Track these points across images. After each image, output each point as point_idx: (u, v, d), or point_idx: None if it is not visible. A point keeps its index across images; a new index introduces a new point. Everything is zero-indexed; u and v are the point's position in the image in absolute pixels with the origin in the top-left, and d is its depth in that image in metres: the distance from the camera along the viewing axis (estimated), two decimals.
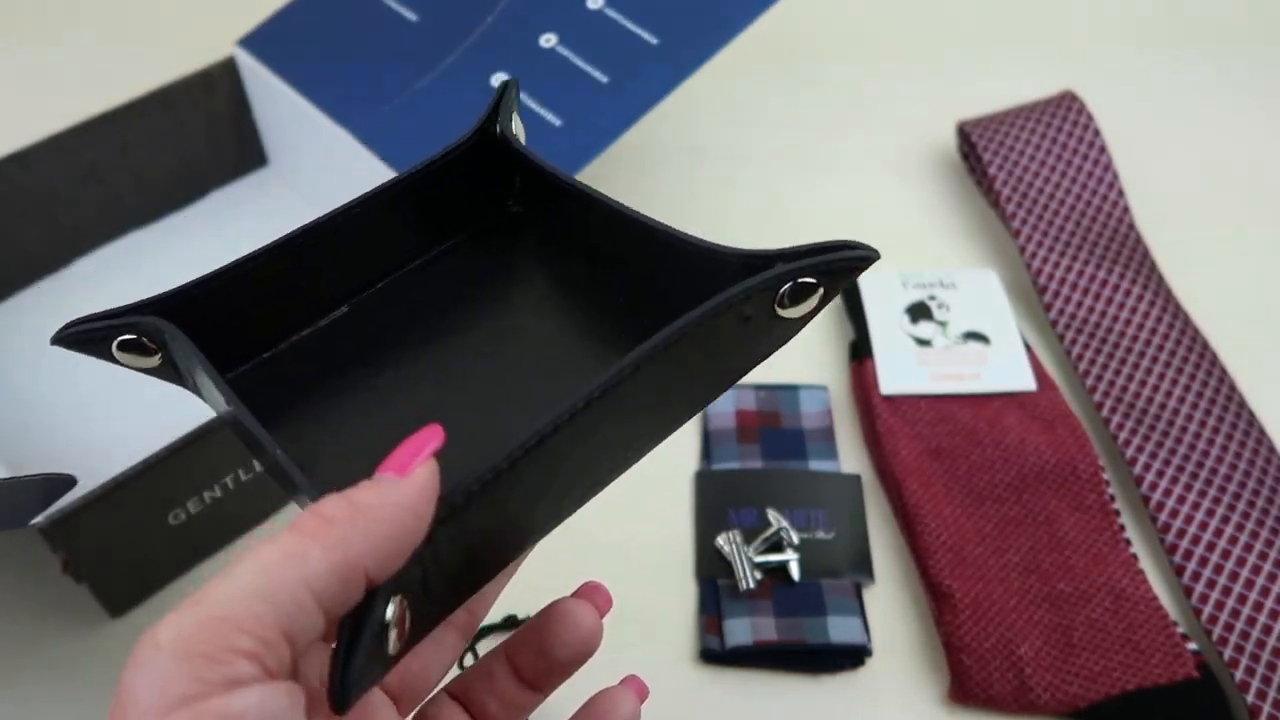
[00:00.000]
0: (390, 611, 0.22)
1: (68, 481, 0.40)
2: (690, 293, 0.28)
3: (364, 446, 0.29)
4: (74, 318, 0.29)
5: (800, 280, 0.26)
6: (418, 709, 0.31)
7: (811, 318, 0.27)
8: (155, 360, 0.29)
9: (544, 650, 0.29)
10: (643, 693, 0.31)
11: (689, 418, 0.29)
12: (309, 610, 0.20)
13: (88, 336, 0.29)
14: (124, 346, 0.29)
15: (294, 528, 0.21)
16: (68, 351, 0.29)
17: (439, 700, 0.31)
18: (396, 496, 0.22)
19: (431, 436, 0.23)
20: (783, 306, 0.27)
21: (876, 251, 0.26)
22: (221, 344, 0.31)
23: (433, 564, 0.24)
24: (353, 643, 0.22)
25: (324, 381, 0.32)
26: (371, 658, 0.22)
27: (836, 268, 0.26)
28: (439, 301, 0.34)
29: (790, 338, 0.29)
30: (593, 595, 0.31)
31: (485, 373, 0.31)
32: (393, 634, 0.23)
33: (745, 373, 0.29)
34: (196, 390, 0.29)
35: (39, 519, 0.40)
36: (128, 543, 0.45)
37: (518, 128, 0.35)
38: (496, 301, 0.34)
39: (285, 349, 0.33)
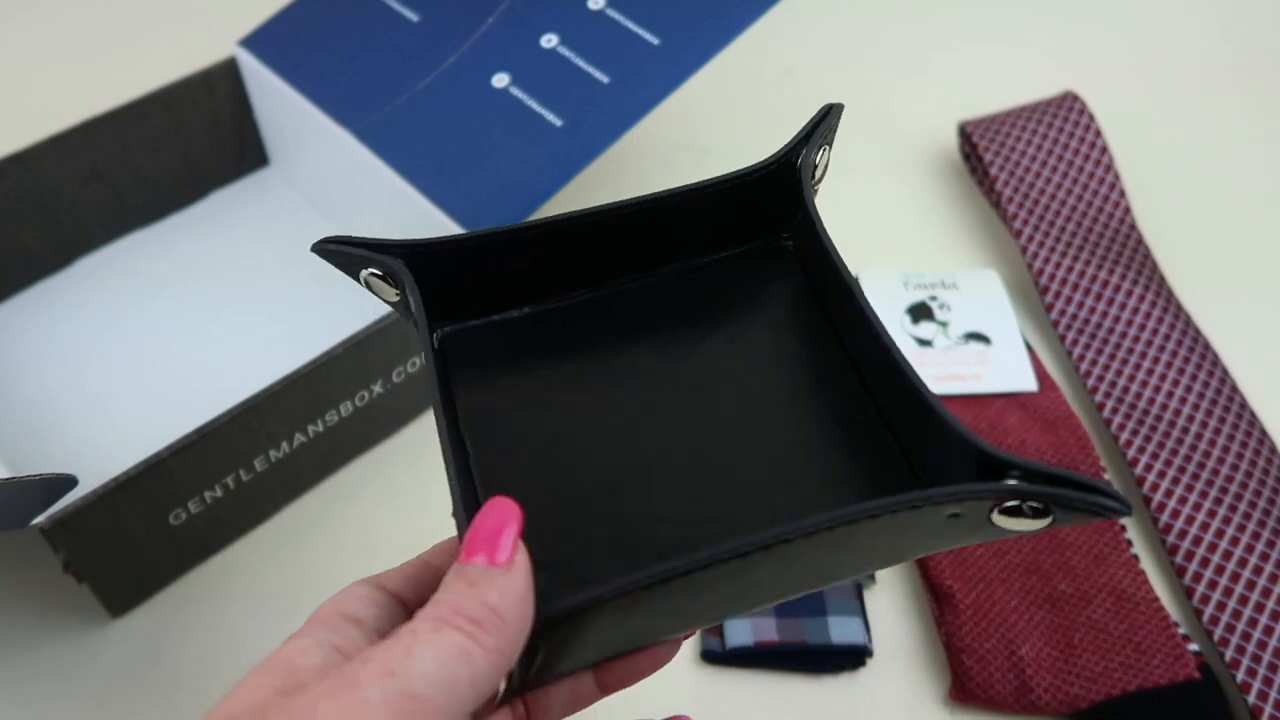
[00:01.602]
0: None
1: (68, 481, 0.40)
2: (910, 443, 0.28)
3: (545, 444, 0.30)
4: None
5: (1029, 504, 0.24)
6: None
7: (1034, 533, 0.25)
8: (395, 296, 0.31)
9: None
10: None
11: (858, 575, 0.28)
12: (469, 704, 0.23)
13: (340, 258, 0.31)
14: (372, 278, 0.31)
15: (455, 625, 0.23)
16: (68, 351, 0.30)
17: None
18: (514, 591, 0.24)
19: (510, 516, 0.25)
20: (1002, 514, 0.24)
21: (1129, 506, 0.23)
22: (461, 295, 0.31)
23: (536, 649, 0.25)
24: None
25: (537, 361, 0.32)
26: None
27: (1076, 505, 0.23)
28: (679, 314, 0.33)
29: (1003, 538, 0.26)
30: None
31: (688, 408, 0.30)
32: None
33: (935, 551, 0.28)
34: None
35: (39, 519, 0.40)
36: (128, 543, 0.45)
37: (823, 158, 0.33)
38: (733, 336, 0.32)
39: (519, 317, 0.33)
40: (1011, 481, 0.24)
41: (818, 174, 0.33)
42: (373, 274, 0.31)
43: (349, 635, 0.25)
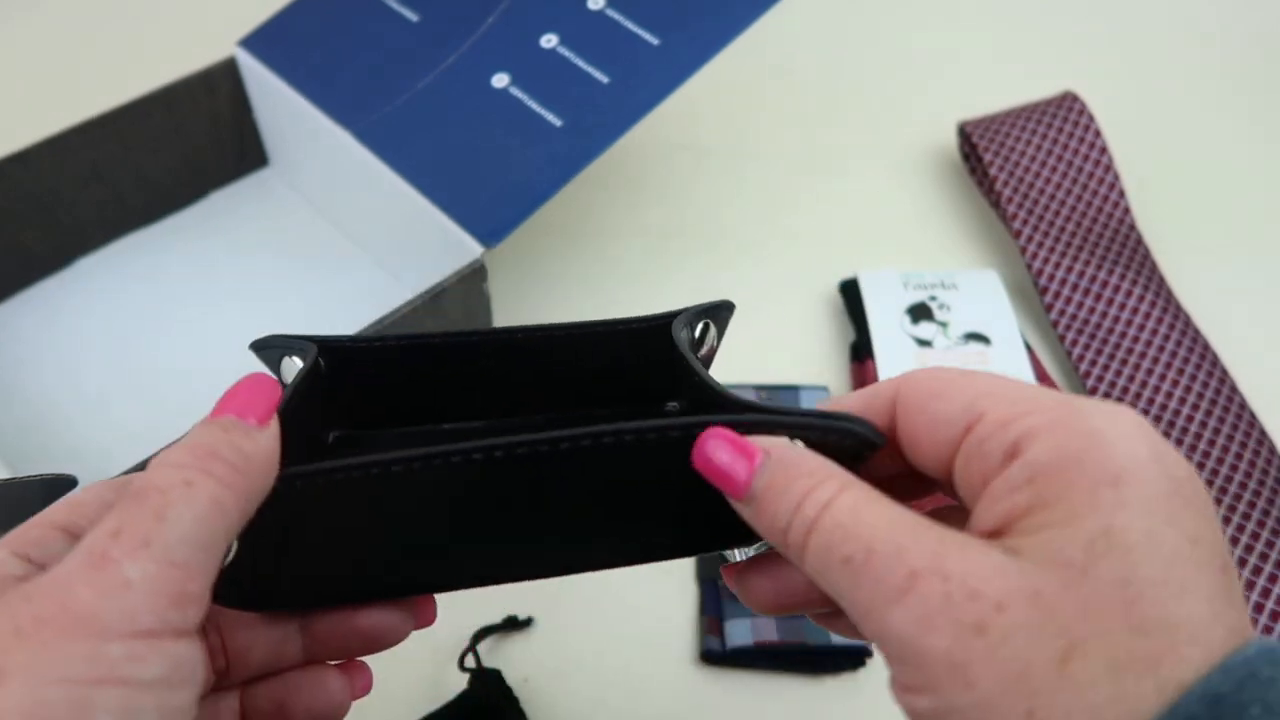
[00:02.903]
0: None
1: (68, 482, 0.40)
2: None
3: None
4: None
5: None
6: None
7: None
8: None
9: (285, 709, 0.27)
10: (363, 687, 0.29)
11: (609, 563, 0.28)
12: (219, 561, 0.21)
13: (263, 352, 0.31)
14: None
15: (207, 471, 0.21)
16: (68, 351, 0.30)
17: None
18: (266, 444, 0.23)
19: (274, 387, 0.24)
20: None
21: (873, 435, 0.24)
22: (356, 402, 0.31)
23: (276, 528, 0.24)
24: None
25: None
26: None
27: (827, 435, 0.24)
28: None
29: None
30: (353, 673, 0.29)
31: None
32: None
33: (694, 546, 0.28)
34: None
35: None
36: None
37: (708, 344, 0.32)
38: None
39: (396, 434, 0.32)
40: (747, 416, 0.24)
41: (700, 351, 0.32)
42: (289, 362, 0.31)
43: (58, 551, 0.22)
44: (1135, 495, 0.20)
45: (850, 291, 0.59)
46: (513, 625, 0.46)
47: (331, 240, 0.62)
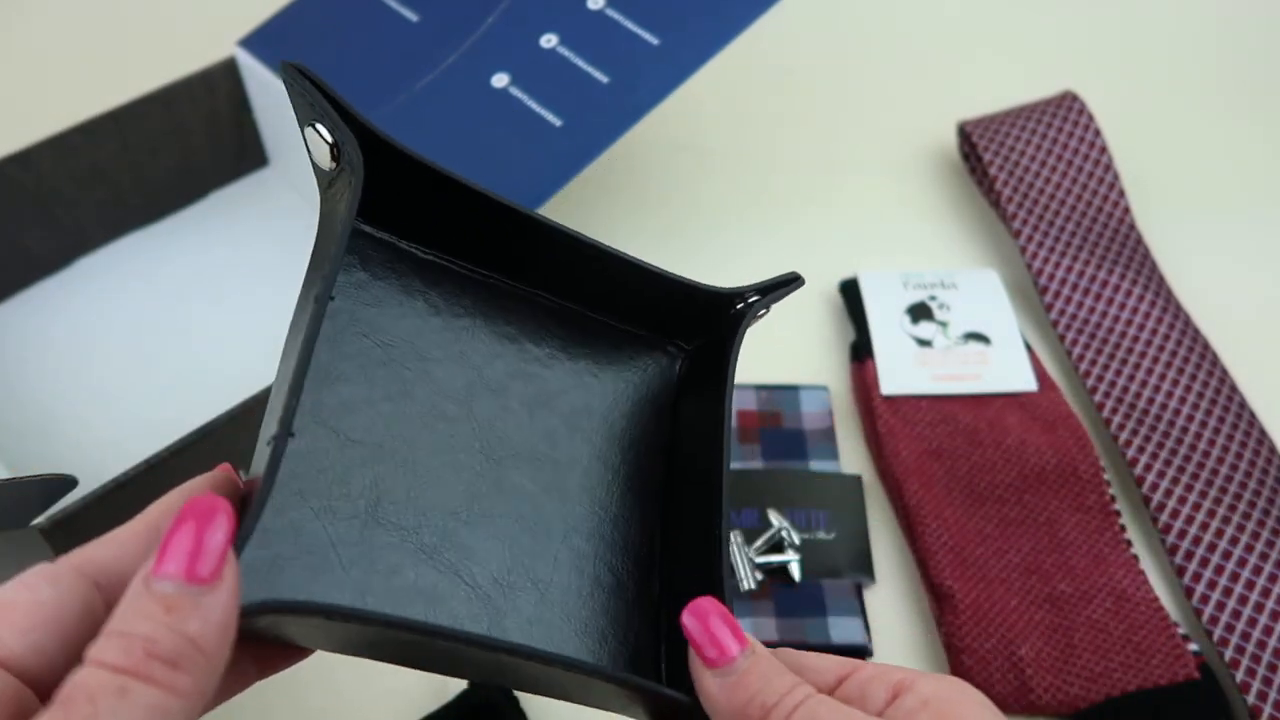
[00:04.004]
0: None
1: (68, 482, 0.40)
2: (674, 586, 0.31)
3: (380, 395, 0.29)
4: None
5: None
6: None
7: None
8: (329, 166, 0.28)
9: None
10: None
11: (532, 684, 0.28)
12: None
13: (298, 96, 0.28)
14: (315, 136, 0.28)
15: (146, 676, 0.18)
16: (68, 351, 0.29)
17: None
18: (218, 615, 0.19)
19: (218, 518, 0.20)
20: None
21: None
22: (388, 204, 0.30)
23: None
24: None
25: (416, 306, 0.31)
26: None
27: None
28: (558, 339, 0.34)
29: None
30: None
31: (514, 427, 0.31)
32: None
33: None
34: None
35: (39, 519, 0.40)
36: None
37: (764, 315, 0.36)
38: (588, 386, 0.33)
39: (424, 258, 0.32)
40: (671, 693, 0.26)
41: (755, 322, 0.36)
42: (320, 133, 0.28)
43: None
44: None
45: (850, 291, 0.59)
46: None
47: None
